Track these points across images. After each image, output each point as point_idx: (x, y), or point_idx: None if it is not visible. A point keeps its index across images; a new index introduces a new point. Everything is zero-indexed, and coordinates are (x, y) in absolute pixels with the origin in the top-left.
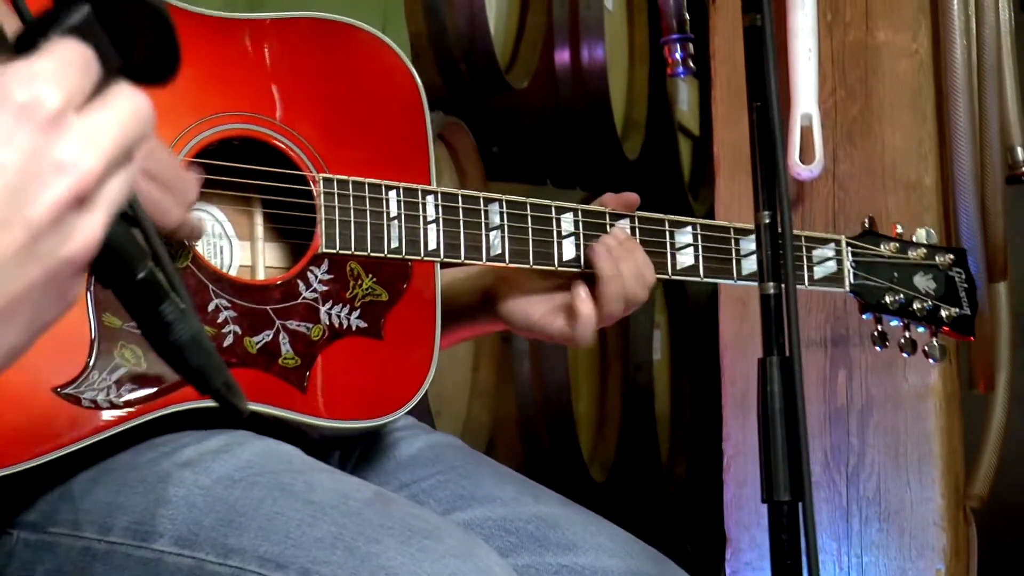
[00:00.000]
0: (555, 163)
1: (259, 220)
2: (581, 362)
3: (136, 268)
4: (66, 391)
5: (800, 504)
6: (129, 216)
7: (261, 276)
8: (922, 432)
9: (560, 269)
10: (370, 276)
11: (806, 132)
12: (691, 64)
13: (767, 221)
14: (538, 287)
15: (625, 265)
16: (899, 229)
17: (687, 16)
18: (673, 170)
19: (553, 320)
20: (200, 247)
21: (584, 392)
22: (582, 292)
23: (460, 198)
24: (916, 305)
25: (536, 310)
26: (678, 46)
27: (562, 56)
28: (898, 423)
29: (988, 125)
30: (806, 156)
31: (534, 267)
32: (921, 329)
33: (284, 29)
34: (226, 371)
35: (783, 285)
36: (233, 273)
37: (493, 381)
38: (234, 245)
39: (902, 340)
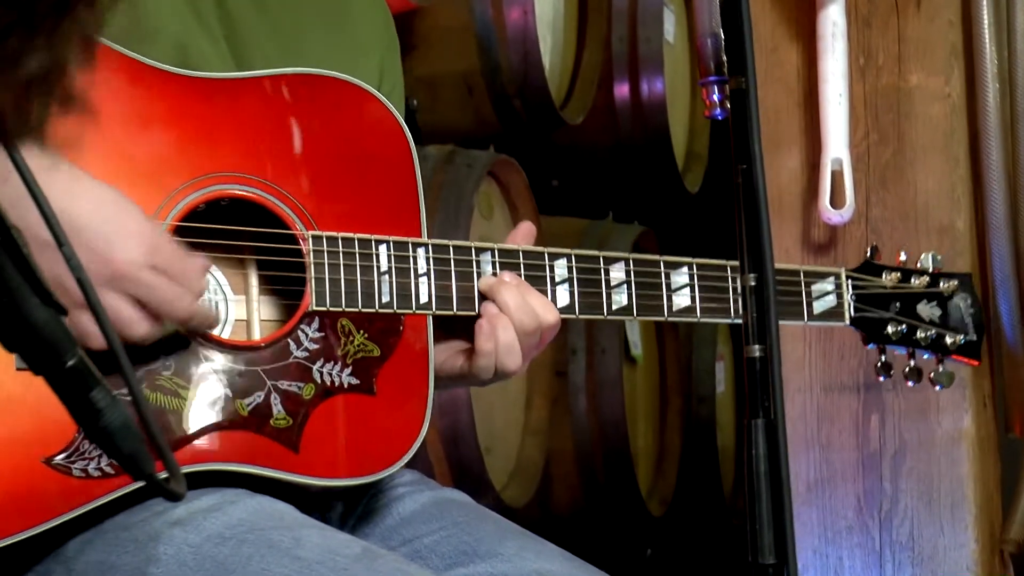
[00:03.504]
0: (615, 197)
1: (253, 276)
2: (640, 397)
3: (65, 355)
4: (56, 462)
5: (785, 568)
6: (57, 303)
7: (257, 331)
8: (956, 477)
9: (458, 312)
10: (361, 332)
11: (837, 176)
12: (729, 106)
13: (752, 284)
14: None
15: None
16: (903, 257)
17: (724, 59)
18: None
19: (455, 362)
20: None
21: (642, 427)
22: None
23: (451, 249)
24: (920, 334)
25: (439, 356)
26: (716, 88)
27: (621, 90)
28: (932, 468)
29: (1021, 168)
30: (837, 200)
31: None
32: (927, 356)
33: (270, 87)
34: (169, 455)
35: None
36: (229, 328)
37: (547, 417)
38: (229, 300)
39: (907, 369)
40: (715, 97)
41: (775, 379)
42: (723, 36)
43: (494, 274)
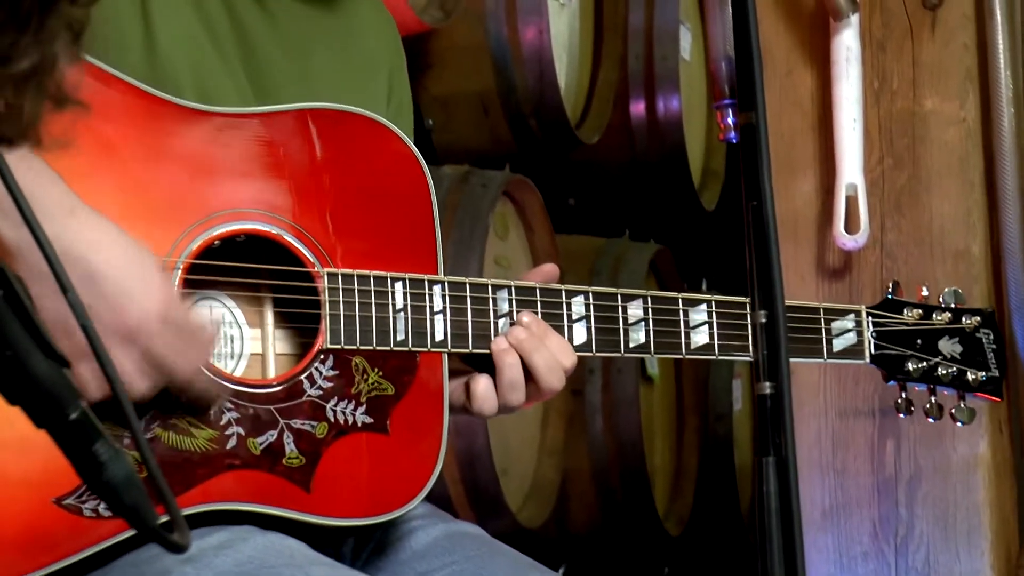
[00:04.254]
0: (632, 215)
1: (269, 311)
2: (656, 415)
3: (67, 408)
4: (67, 502)
5: None
6: (60, 356)
7: (272, 365)
8: (972, 503)
9: (474, 351)
10: (376, 370)
11: (851, 202)
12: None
13: (763, 321)
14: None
15: (537, 356)
16: (924, 292)
17: None
18: None
19: (460, 395)
20: None
21: (659, 445)
22: (480, 380)
23: (467, 287)
24: (941, 371)
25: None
26: (730, 111)
27: (638, 108)
28: (947, 494)
29: None
30: (852, 226)
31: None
32: (948, 392)
33: (287, 122)
34: (174, 506)
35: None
36: (244, 362)
37: (563, 437)
38: (245, 334)
39: (927, 406)
40: (730, 120)
41: (786, 417)
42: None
43: (510, 312)
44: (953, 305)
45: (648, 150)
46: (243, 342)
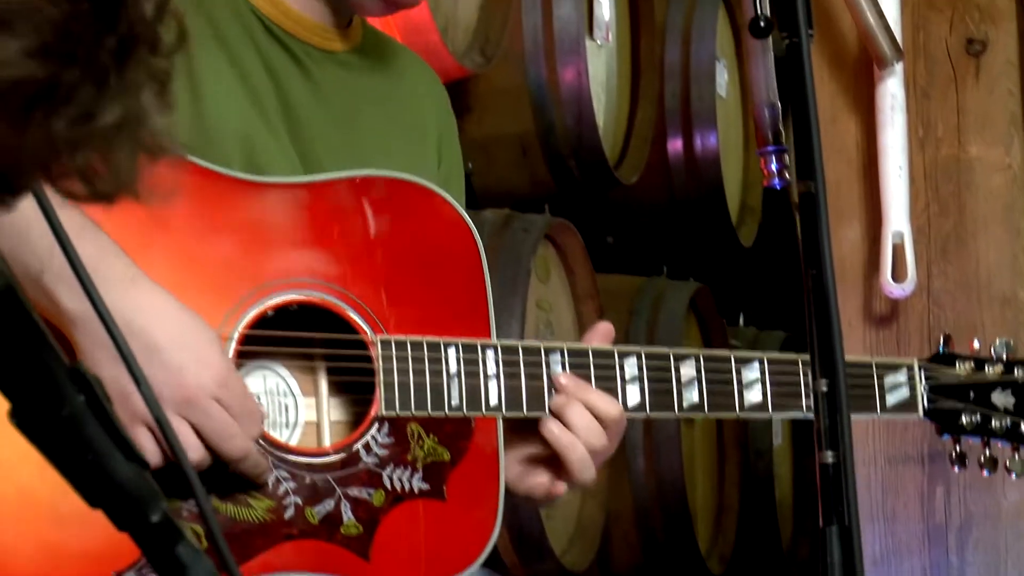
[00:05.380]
0: (670, 253)
1: (323, 378)
2: (698, 453)
3: (150, 511)
4: (127, 575)
5: None
6: (141, 458)
7: (327, 433)
8: (1022, 549)
9: (528, 415)
10: (431, 436)
11: (898, 250)
12: (787, 175)
13: (824, 390)
14: (516, 452)
15: (578, 420)
16: (976, 344)
17: (782, 129)
18: (791, 253)
19: (521, 481)
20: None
21: (701, 483)
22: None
23: (520, 350)
24: (995, 423)
25: (512, 471)
26: (774, 158)
27: (675, 146)
28: (998, 540)
29: None
30: (899, 274)
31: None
32: (1002, 444)
33: (338, 190)
34: None
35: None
36: (299, 431)
37: (605, 478)
38: (299, 402)
39: (982, 459)
40: (773, 167)
41: (849, 486)
42: (780, 106)
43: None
44: (1005, 357)
45: (686, 188)
46: (298, 411)
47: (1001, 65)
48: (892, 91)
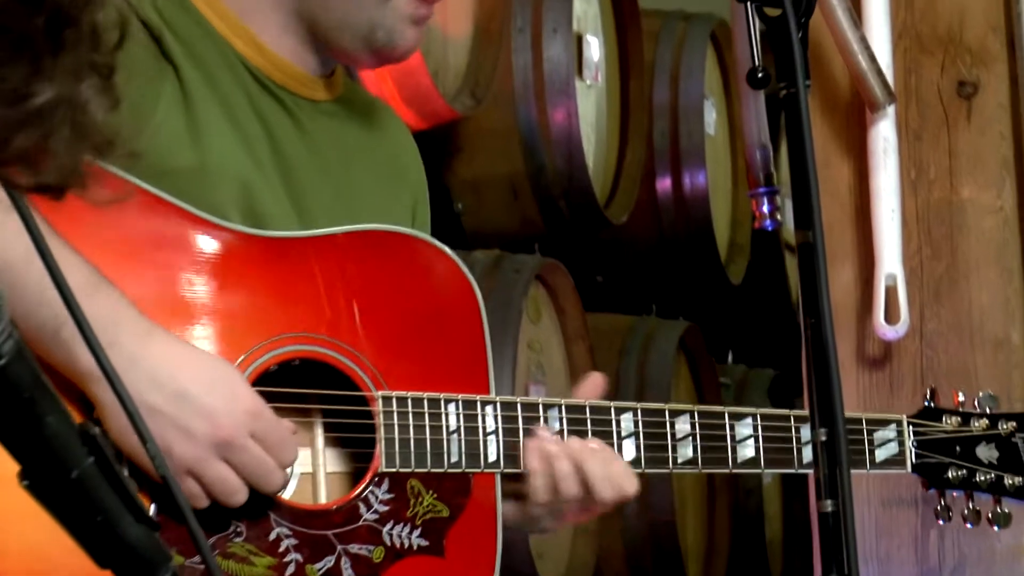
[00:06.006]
0: (659, 291)
1: (319, 431)
2: (688, 493)
3: (159, 573)
4: None
5: None
6: (150, 520)
7: (323, 486)
8: None
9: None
10: (431, 492)
11: (891, 292)
12: (778, 217)
13: (823, 439)
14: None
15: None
16: (960, 397)
17: (774, 170)
18: (780, 290)
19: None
20: None
21: (691, 523)
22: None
23: (519, 406)
24: (979, 477)
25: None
26: (765, 199)
27: (664, 184)
28: None
29: None
30: (891, 316)
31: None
32: (985, 497)
33: (338, 244)
34: None
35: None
36: (295, 482)
37: (596, 518)
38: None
39: (965, 511)
40: (765, 209)
41: (849, 535)
42: (771, 148)
43: (561, 430)
44: (989, 410)
45: (675, 226)
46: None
47: (992, 108)
48: (884, 134)
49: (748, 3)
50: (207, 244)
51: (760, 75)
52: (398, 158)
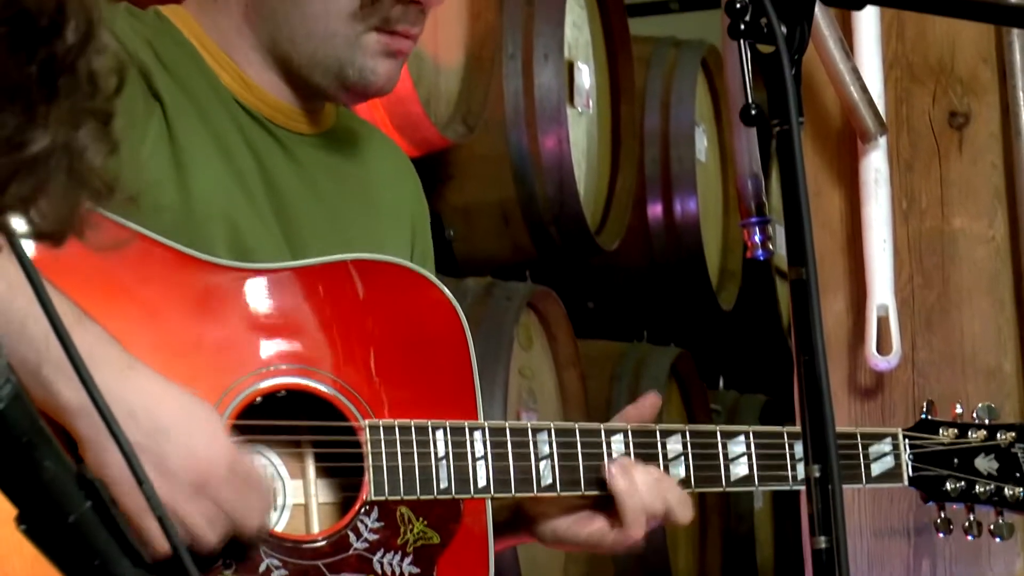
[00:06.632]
0: (650, 317)
1: (310, 462)
2: None
3: None
4: None
5: None
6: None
7: (315, 516)
8: None
9: (586, 493)
10: (420, 519)
11: (883, 322)
12: (770, 247)
13: (817, 475)
14: (564, 503)
15: (640, 477)
16: (958, 409)
17: (765, 200)
18: (771, 316)
19: (580, 530)
20: None
21: (683, 549)
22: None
23: (508, 431)
24: (979, 488)
25: (561, 524)
26: (757, 229)
27: (655, 210)
28: None
29: None
30: (883, 347)
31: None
32: (985, 509)
33: (322, 275)
34: None
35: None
36: (287, 513)
37: None
38: (287, 485)
39: (966, 524)
40: (756, 239)
41: (843, 572)
42: (763, 178)
43: (550, 454)
44: (987, 421)
45: (666, 252)
46: (285, 494)
47: (984, 138)
48: (876, 165)
49: (741, 40)
50: (191, 279)
51: (753, 112)
52: (395, 187)
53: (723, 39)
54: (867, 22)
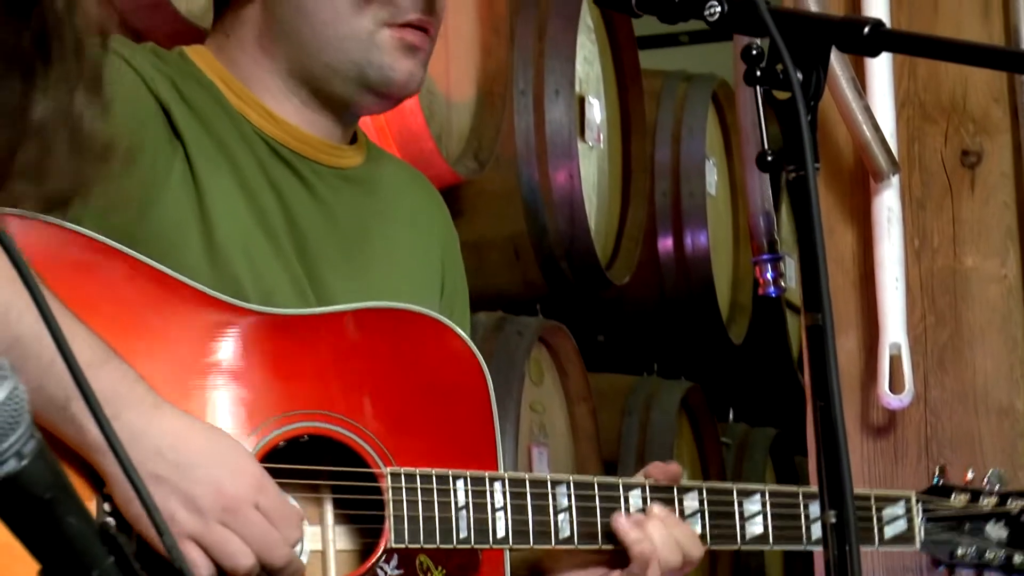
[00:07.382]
0: (660, 351)
1: (329, 508)
2: None
3: None
4: None
5: None
6: None
7: (332, 563)
8: None
9: (603, 547)
10: (440, 568)
11: (895, 361)
12: (782, 283)
13: (833, 521)
14: (580, 558)
15: (655, 532)
16: (970, 475)
17: (777, 237)
18: (781, 350)
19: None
20: None
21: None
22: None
23: (528, 483)
24: (989, 555)
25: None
26: (769, 266)
27: (665, 244)
28: None
29: None
30: (896, 385)
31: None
32: (994, 575)
33: (347, 322)
34: None
35: None
36: (305, 558)
37: None
38: (305, 531)
39: None
40: (768, 275)
41: None
42: (775, 215)
43: (569, 507)
44: (998, 488)
45: (676, 286)
46: (303, 540)
47: (996, 177)
48: (888, 203)
49: (756, 87)
50: (218, 322)
51: (769, 159)
52: (423, 223)
53: (736, 81)
54: (879, 61)
